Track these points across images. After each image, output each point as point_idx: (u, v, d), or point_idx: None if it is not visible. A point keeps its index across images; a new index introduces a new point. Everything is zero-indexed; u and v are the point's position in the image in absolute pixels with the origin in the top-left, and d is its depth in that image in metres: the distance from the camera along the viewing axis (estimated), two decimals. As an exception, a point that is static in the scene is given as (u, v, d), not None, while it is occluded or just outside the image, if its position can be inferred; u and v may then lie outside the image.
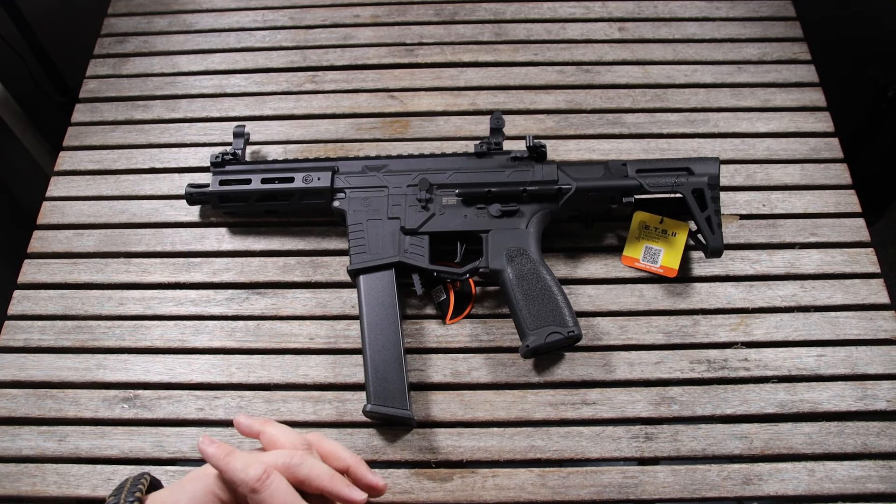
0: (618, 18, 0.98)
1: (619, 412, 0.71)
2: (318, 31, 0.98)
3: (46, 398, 0.73)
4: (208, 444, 0.50)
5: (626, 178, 0.76)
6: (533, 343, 0.70)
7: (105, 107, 0.93)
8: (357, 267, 0.74)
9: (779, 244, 0.80)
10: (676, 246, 0.78)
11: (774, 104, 0.90)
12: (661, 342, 0.74)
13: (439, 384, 0.73)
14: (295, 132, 0.90)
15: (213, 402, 0.72)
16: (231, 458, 0.49)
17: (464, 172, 0.78)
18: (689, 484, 0.67)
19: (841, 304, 0.76)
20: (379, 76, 0.94)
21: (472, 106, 0.91)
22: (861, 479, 0.67)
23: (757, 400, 0.71)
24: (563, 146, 0.87)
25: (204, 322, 0.77)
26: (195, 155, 0.88)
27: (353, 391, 0.73)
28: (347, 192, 0.78)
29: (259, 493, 0.48)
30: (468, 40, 0.97)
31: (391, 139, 0.89)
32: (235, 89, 0.93)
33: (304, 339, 0.76)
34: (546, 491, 0.67)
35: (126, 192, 0.86)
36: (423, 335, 0.76)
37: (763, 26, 0.97)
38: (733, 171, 0.85)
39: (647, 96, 0.91)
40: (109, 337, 0.77)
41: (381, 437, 0.70)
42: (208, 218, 0.84)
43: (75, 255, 0.82)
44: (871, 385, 0.72)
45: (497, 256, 0.74)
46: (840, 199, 0.83)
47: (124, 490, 0.50)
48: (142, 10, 1.01)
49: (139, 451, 0.70)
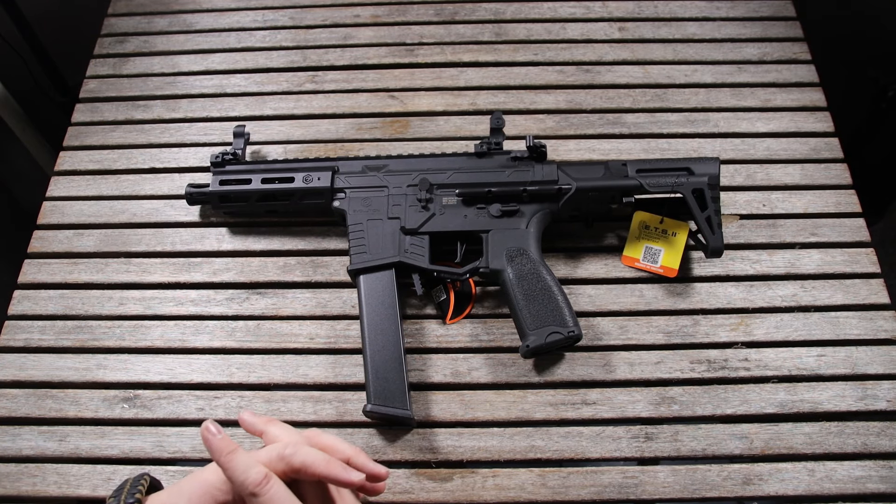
0: (618, 18, 0.98)
1: (620, 412, 0.71)
2: (319, 31, 0.98)
3: (47, 398, 0.73)
4: (213, 434, 0.49)
5: (627, 178, 0.76)
6: (533, 343, 0.70)
7: (105, 107, 0.93)
8: (357, 267, 0.74)
9: (779, 244, 0.80)
10: (676, 246, 0.78)
11: (774, 104, 0.90)
12: (662, 342, 0.74)
13: (439, 384, 0.73)
14: (295, 132, 0.90)
15: (214, 403, 0.72)
16: (233, 456, 0.49)
17: (464, 172, 0.78)
18: (689, 484, 0.67)
19: (841, 304, 0.76)
20: (379, 76, 0.94)
21: (473, 106, 0.91)
22: (861, 479, 0.67)
23: (757, 400, 0.71)
24: (564, 146, 0.87)
25: (204, 322, 0.77)
26: (195, 155, 0.88)
27: (353, 391, 0.73)
28: (347, 192, 0.78)
29: (258, 497, 0.48)
30: (468, 40, 0.97)
31: (391, 139, 0.89)
32: (235, 89, 0.93)
33: (304, 339, 0.76)
34: (546, 491, 0.67)
35: (126, 192, 0.86)
36: (423, 335, 0.76)
37: (763, 26, 0.97)
38: (733, 171, 0.85)
39: (647, 96, 0.91)
40: (109, 337, 0.77)
41: (381, 437, 0.70)
42: (208, 218, 0.84)
43: (75, 255, 0.82)
44: (871, 385, 0.72)
45: (497, 256, 0.74)
46: (840, 199, 0.83)
47: (124, 491, 0.50)
48: (142, 10, 1.01)
49: (139, 451, 0.70)
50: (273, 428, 0.55)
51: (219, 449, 0.49)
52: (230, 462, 0.49)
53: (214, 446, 0.49)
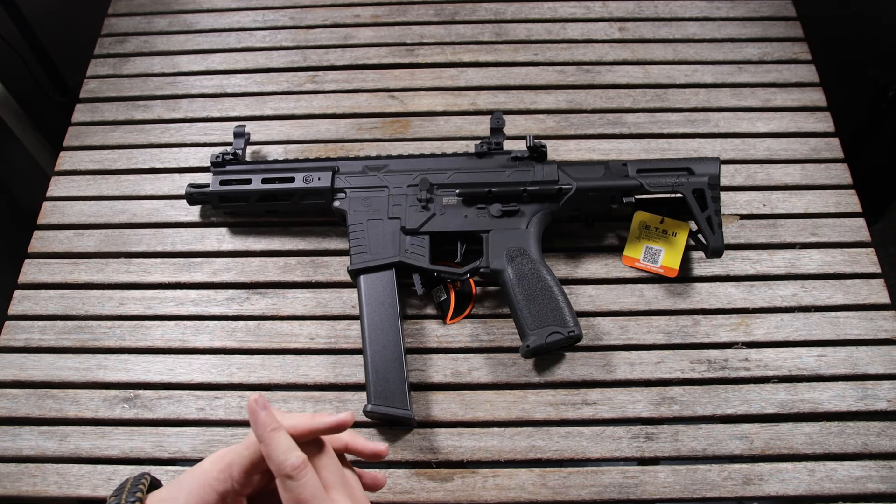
0: (618, 18, 0.98)
1: (620, 412, 0.71)
2: (319, 31, 0.98)
3: (47, 398, 0.73)
4: (260, 408, 0.49)
5: (627, 178, 0.76)
6: (533, 343, 0.70)
7: (105, 107, 0.93)
8: (357, 267, 0.74)
9: (779, 244, 0.80)
10: (677, 246, 0.78)
11: (775, 104, 0.90)
12: (662, 342, 0.74)
13: (440, 384, 0.73)
14: (295, 132, 0.90)
15: (214, 402, 0.72)
16: (277, 434, 0.49)
17: (464, 172, 0.78)
18: (689, 484, 0.67)
19: (841, 304, 0.76)
20: (379, 76, 0.94)
21: (473, 106, 0.91)
22: (861, 479, 0.67)
23: (757, 400, 0.71)
24: (564, 146, 0.87)
25: (204, 322, 0.77)
26: (195, 155, 0.88)
27: (353, 391, 0.73)
28: (348, 192, 0.78)
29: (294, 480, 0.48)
30: (468, 40, 0.97)
31: (391, 139, 0.89)
32: (236, 89, 0.93)
33: (304, 339, 0.76)
34: (546, 491, 0.67)
35: (126, 192, 0.86)
36: (423, 335, 0.76)
37: (763, 26, 0.97)
38: (734, 171, 0.85)
39: (647, 96, 0.91)
40: (110, 337, 0.77)
41: (381, 438, 0.70)
42: (209, 218, 0.84)
43: (75, 255, 0.82)
44: (871, 385, 0.72)
45: (497, 256, 0.74)
46: (840, 199, 0.83)
47: (125, 490, 0.50)
48: (142, 10, 1.01)
49: (139, 451, 0.70)
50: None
51: (264, 424, 0.49)
52: (273, 439, 0.48)
53: (260, 420, 0.49)
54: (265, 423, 0.49)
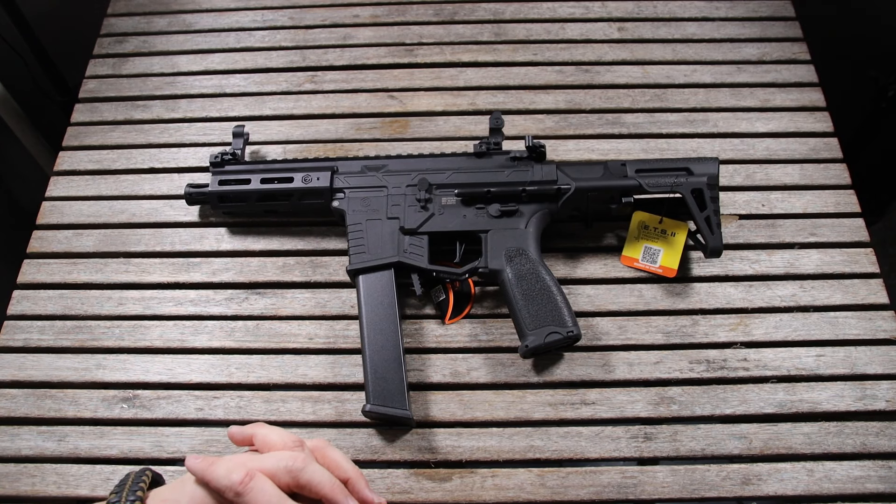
0: (617, 18, 0.98)
1: (619, 412, 0.71)
2: (318, 31, 0.98)
3: (46, 398, 0.73)
4: (192, 459, 0.50)
5: (626, 178, 0.76)
6: (532, 343, 0.70)
7: (105, 107, 0.93)
8: (356, 267, 0.74)
9: (778, 244, 0.80)
10: (676, 246, 0.78)
11: (774, 104, 0.90)
12: (661, 342, 0.74)
13: (438, 384, 0.73)
14: (294, 132, 0.90)
15: (213, 402, 0.72)
16: (214, 466, 0.49)
17: (463, 172, 0.78)
18: (688, 484, 0.67)
19: (840, 304, 0.76)
20: (378, 76, 0.94)
21: (472, 106, 0.91)
22: (860, 479, 0.67)
23: (756, 400, 0.71)
24: (563, 146, 0.87)
25: (203, 322, 0.77)
26: (195, 155, 0.88)
27: (352, 391, 0.73)
28: (347, 192, 0.78)
29: (243, 496, 0.47)
30: (468, 40, 0.97)
31: (391, 139, 0.89)
32: (235, 89, 0.93)
33: (303, 339, 0.76)
34: (545, 491, 0.67)
35: (126, 192, 0.86)
36: (422, 335, 0.76)
37: (763, 26, 0.96)
38: (732, 171, 0.85)
39: (646, 96, 0.91)
40: (109, 337, 0.77)
41: (380, 437, 0.70)
42: (208, 218, 0.84)
43: (75, 255, 0.82)
44: (870, 385, 0.72)
45: (496, 256, 0.74)
46: (840, 199, 0.83)
47: (126, 486, 0.50)
48: (141, 10, 1.01)
49: (138, 451, 0.70)
50: (260, 429, 0.54)
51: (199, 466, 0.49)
52: (212, 473, 0.48)
53: (196, 466, 0.49)
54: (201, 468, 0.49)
